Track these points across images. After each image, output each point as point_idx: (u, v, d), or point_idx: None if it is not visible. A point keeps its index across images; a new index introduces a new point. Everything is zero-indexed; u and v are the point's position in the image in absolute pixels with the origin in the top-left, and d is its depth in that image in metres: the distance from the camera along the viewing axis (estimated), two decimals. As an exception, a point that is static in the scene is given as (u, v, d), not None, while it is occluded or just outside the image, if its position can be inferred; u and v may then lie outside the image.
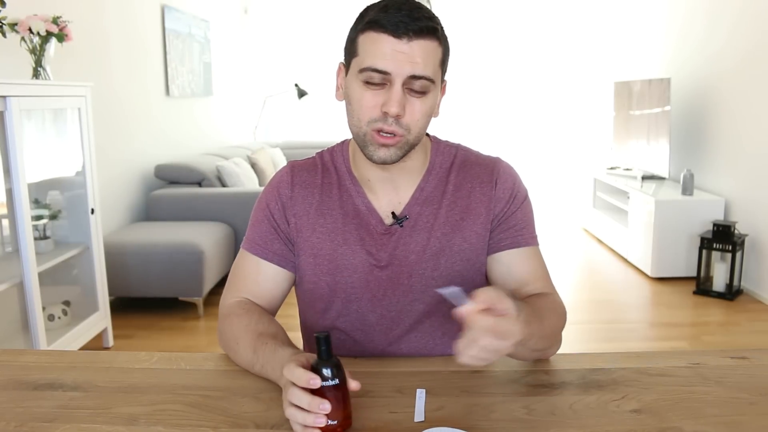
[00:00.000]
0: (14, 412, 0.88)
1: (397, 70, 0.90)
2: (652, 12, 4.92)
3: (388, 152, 0.95)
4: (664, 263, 3.89)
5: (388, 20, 0.90)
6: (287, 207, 1.06)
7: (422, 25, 0.90)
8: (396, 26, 0.89)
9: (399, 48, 0.90)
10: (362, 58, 0.93)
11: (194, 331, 3.16)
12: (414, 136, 0.95)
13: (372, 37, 0.91)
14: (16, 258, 2.31)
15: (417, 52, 0.90)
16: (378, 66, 0.90)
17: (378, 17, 0.91)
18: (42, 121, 2.64)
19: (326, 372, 0.78)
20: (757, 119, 3.51)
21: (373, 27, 0.91)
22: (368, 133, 0.94)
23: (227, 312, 1.05)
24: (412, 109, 0.93)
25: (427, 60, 0.91)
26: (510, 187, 1.06)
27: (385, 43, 0.90)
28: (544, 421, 0.84)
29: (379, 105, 0.92)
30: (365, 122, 0.94)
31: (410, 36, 0.89)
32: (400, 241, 1.04)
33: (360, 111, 0.94)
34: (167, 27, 4.30)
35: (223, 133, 5.58)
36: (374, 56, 0.91)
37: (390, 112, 0.91)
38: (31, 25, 2.39)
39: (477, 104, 6.51)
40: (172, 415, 0.87)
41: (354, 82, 0.95)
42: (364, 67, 0.92)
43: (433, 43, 0.92)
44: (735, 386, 0.93)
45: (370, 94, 0.93)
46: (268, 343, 0.93)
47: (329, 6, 6.31)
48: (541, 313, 0.95)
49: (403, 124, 0.93)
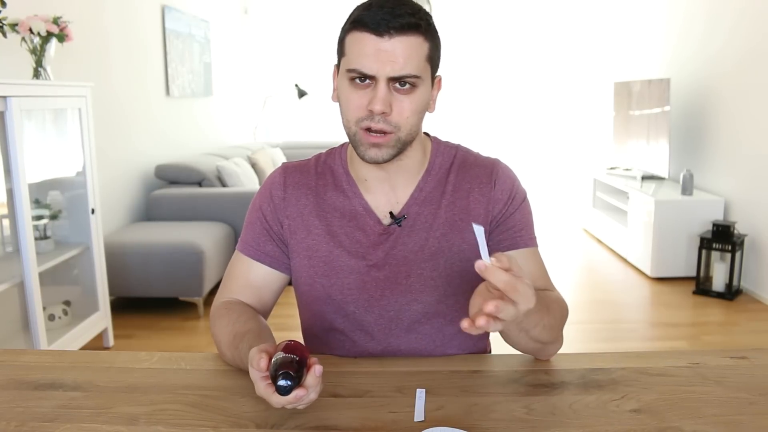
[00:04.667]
0: (15, 412, 0.88)
1: (380, 71, 0.90)
2: (652, 12, 4.92)
3: (380, 152, 0.95)
4: (663, 263, 3.89)
5: (370, 18, 0.90)
6: (280, 209, 1.07)
7: (403, 21, 0.90)
8: (378, 24, 0.90)
9: (381, 46, 0.90)
10: (348, 58, 0.93)
11: (194, 331, 3.16)
12: (405, 133, 0.95)
13: (356, 37, 0.92)
14: (16, 258, 2.31)
15: (399, 50, 0.90)
16: (362, 68, 0.91)
17: (361, 16, 0.91)
18: (42, 121, 2.64)
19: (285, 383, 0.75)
20: (757, 119, 3.52)
21: (357, 26, 0.92)
22: (358, 133, 0.95)
23: (213, 312, 1.07)
24: (401, 106, 0.93)
25: (410, 57, 0.91)
26: (509, 189, 1.06)
27: (368, 42, 0.90)
28: (544, 421, 0.84)
29: (365, 104, 0.92)
30: (353, 122, 0.94)
31: (391, 33, 0.90)
32: (398, 241, 1.04)
33: (348, 111, 0.95)
34: (167, 27, 4.30)
35: (223, 133, 5.58)
36: (359, 56, 0.91)
37: (374, 110, 0.91)
38: (32, 25, 2.39)
39: (477, 104, 6.51)
40: (172, 415, 0.87)
41: (343, 83, 0.95)
42: (350, 68, 0.92)
43: (416, 38, 0.92)
44: (735, 386, 0.93)
45: (357, 93, 0.93)
46: (243, 340, 0.94)
47: (329, 6, 6.31)
48: (547, 303, 0.95)
49: (392, 121, 0.93)
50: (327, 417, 0.85)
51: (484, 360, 1.08)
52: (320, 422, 0.84)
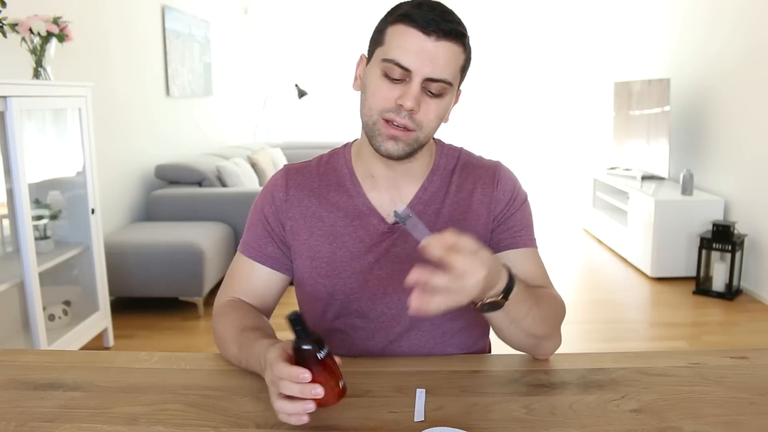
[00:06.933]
0: (15, 412, 0.88)
1: (419, 69, 0.91)
2: (652, 12, 4.92)
3: (396, 146, 0.95)
4: (663, 263, 3.89)
5: (420, 16, 0.91)
6: (281, 211, 1.07)
7: (452, 27, 0.91)
8: (427, 23, 0.90)
9: (425, 45, 0.90)
10: (387, 48, 0.93)
11: (194, 331, 3.16)
12: (425, 135, 0.96)
13: (401, 30, 0.92)
14: (16, 258, 2.31)
15: (441, 53, 0.91)
16: (402, 61, 0.91)
17: (411, 12, 0.92)
18: (42, 121, 2.64)
19: (309, 347, 0.77)
20: (757, 119, 3.52)
21: (404, 20, 0.92)
22: (378, 122, 0.94)
23: (217, 311, 1.07)
24: (427, 108, 0.94)
25: (449, 63, 0.92)
26: (510, 189, 1.07)
27: (413, 38, 0.91)
28: (544, 421, 0.84)
29: (394, 98, 0.92)
30: (377, 111, 0.94)
31: (439, 35, 0.90)
32: (401, 239, 1.04)
33: (374, 100, 0.94)
34: (167, 27, 4.30)
35: (223, 133, 5.58)
36: (400, 49, 0.91)
37: (405, 105, 0.91)
38: (32, 25, 2.39)
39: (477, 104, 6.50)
40: (172, 415, 0.87)
41: (373, 71, 0.95)
42: (388, 58, 0.92)
43: (458, 47, 0.93)
44: (735, 386, 0.93)
45: (387, 85, 0.93)
46: (249, 337, 0.94)
47: (329, 6, 6.31)
48: (538, 295, 0.95)
49: (416, 120, 0.93)
50: (327, 417, 0.85)
51: (483, 360, 1.08)
52: (320, 422, 0.84)
